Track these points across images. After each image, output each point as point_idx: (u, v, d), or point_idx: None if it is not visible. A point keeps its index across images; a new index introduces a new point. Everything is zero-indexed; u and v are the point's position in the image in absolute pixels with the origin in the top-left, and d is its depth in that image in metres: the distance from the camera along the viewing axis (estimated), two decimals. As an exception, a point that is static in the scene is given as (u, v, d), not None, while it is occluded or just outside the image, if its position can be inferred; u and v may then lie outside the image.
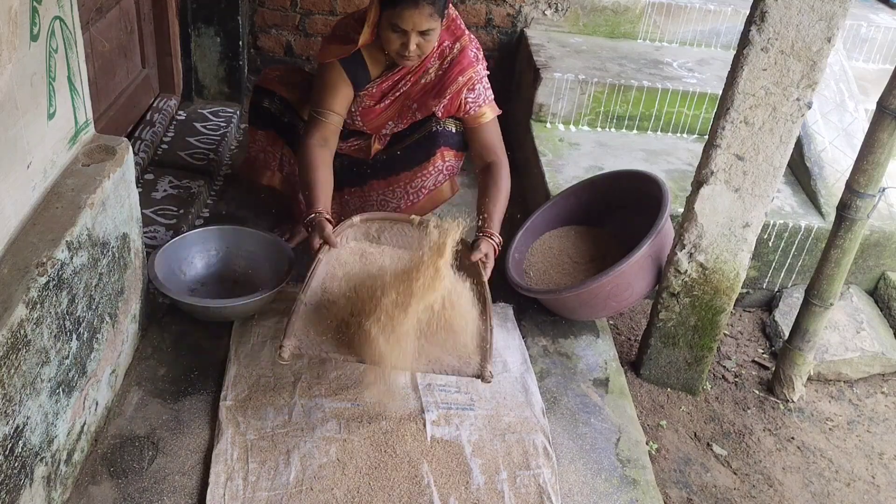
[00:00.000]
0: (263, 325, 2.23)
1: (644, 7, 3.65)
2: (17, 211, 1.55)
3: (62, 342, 1.59)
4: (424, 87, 2.29)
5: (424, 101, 2.31)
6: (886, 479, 2.26)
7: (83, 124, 1.82)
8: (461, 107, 2.30)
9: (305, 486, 1.78)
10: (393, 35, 2.12)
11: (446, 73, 2.27)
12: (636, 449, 2.04)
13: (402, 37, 2.11)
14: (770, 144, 2.02)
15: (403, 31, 2.10)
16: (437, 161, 2.38)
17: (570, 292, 2.29)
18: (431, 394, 2.06)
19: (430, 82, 2.29)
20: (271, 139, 2.51)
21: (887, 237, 2.75)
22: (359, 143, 2.44)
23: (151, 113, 3.09)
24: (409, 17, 2.06)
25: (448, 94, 2.27)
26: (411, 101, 2.32)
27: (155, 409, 1.95)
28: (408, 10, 2.05)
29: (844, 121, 3.02)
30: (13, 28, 1.44)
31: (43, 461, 1.56)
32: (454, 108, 2.30)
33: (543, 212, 2.65)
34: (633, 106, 3.24)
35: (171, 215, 2.63)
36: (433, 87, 2.29)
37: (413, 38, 2.10)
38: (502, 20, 3.62)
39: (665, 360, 2.40)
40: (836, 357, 2.56)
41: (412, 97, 2.31)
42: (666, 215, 2.28)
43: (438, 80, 2.28)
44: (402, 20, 2.07)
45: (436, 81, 2.29)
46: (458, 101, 2.29)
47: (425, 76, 2.28)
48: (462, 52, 2.26)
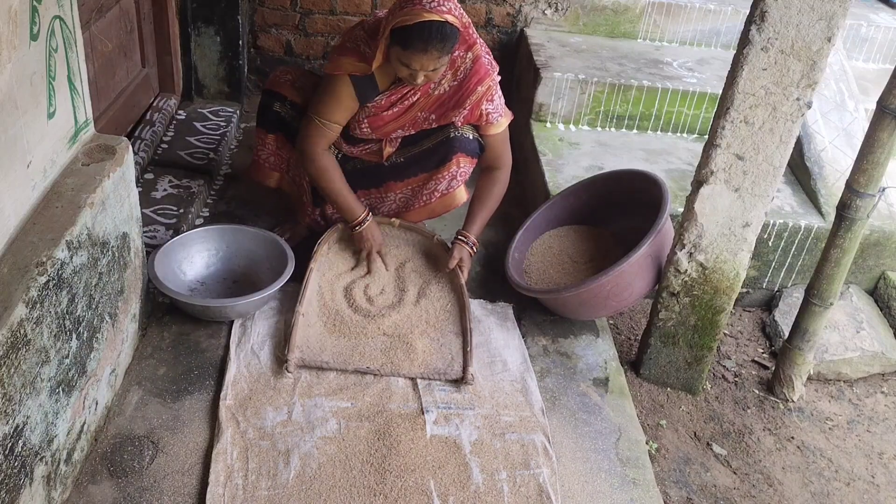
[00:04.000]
0: (263, 324, 2.23)
1: (644, 7, 3.65)
2: (17, 210, 1.55)
3: (62, 341, 1.59)
4: (440, 98, 2.28)
5: (443, 113, 2.31)
6: (886, 479, 2.26)
7: (83, 124, 1.82)
8: (482, 116, 2.33)
9: (305, 486, 1.78)
10: (401, 67, 2.11)
11: (462, 85, 2.26)
12: (636, 448, 2.04)
13: (410, 70, 2.10)
14: (770, 144, 2.02)
15: (412, 69, 2.09)
16: (453, 167, 2.39)
17: (570, 292, 2.29)
18: (431, 393, 2.06)
19: (446, 94, 2.28)
20: (280, 142, 2.51)
21: (887, 237, 2.75)
22: (371, 147, 2.44)
23: (151, 112, 3.08)
24: (418, 60, 2.05)
25: (468, 104, 2.28)
26: (427, 113, 2.32)
27: (155, 408, 1.95)
28: (416, 55, 2.04)
29: (844, 120, 3.02)
30: (13, 27, 1.44)
31: (43, 460, 1.56)
32: (474, 117, 2.34)
33: (543, 211, 2.65)
34: (633, 105, 3.23)
35: (171, 215, 2.63)
36: (450, 98, 2.29)
37: (421, 72, 2.10)
38: (502, 20, 3.62)
39: (665, 360, 2.40)
40: (836, 357, 2.56)
41: (427, 109, 2.31)
42: (666, 215, 2.28)
43: (455, 91, 2.28)
44: (410, 62, 2.07)
45: (452, 93, 2.28)
46: (479, 111, 2.31)
47: (437, 88, 2.27)
48: (476, 61, 2.25)
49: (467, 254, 2.41)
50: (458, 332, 2.24)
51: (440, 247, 2.49)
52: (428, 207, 2.50)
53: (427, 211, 2.51)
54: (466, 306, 2.29)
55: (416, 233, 2.54)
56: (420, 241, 2.53)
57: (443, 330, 2.24)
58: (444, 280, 2.40)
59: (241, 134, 3.34)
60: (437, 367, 2.12)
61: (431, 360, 2.14)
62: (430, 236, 2.52)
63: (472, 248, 2.42)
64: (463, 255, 2.40)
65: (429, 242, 2.52)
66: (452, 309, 2.31)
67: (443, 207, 2.50)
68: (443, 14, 2.02)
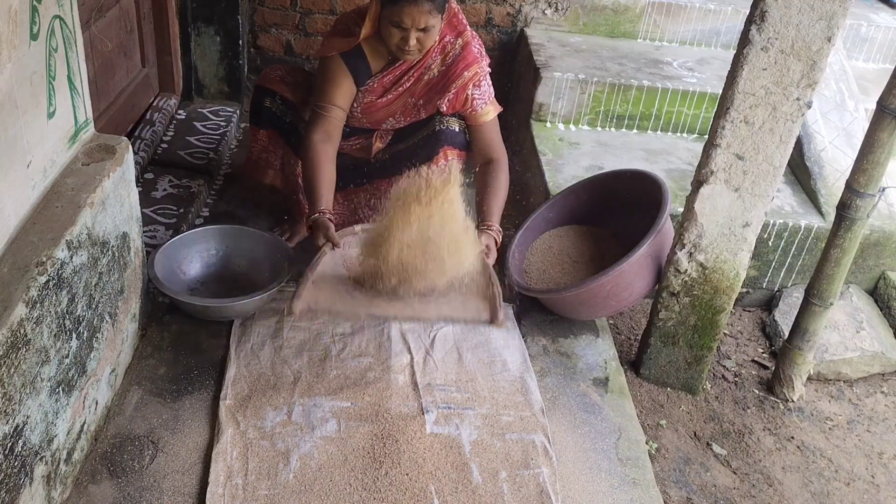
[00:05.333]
0: (263, 324, 2.23)
1: (644, 6, 3.65)
2: (17, 210, 1.55)
3: (62, 341, 1.59)
4: (429, 83, 2.30)
5: (430, 98, 2.31)
6: (886, 479, 2.26)
7: (83, 123, 1.82)
8: (467, 102, 2.31)
9: (305, 486, 1.78)
10: (393, 30, 2.13)
11: (450, 69, 2.27)
12: (636, 448, 2.04)
13: (402, 32, 2.12)
14: (770, 144, 2.02)
15: (403, 27, 2.11)
16: (441, 161, 2.38)
17: (570, 292, 2.29)
18: (431, 393, 2.06)
19: (434, 79, 2.29)
20: (273, 139, 2.51)
21: (887, 237, 2.75)
22: (360, 141, 2.44)
23: (151, 112, 3.09)
24: (409, 13, 2.07)
25: (453, 88, 2.28)
26: (416, 98, 2.32)
27: (155, 408, 1.95)
28: (407, 7, 2.06)
29: (844, 120, 3.02)
30: (13, 27, 1.44)
31: (43, 460, 1.56)
32: (459, 103, 2.31)
33: (543, 211, 2.65)
34: (633, 105, 3.23)
35: (171, 214, 2.63)
36: (437, 82, 2.29)
37: (413, 33, 2.11)
38: (502, 19, 3.62)
39: (665, 360, 2.40)
40: (836, 357, 2.56)
41: (416, 94, 2.32)
42: (666, 215, 2.28)
43: (442, 75, 2.29)
44: (401, 17, 2.08)
45: (440, 77, 2.29)
46: (464, 95, 2.30)
47: (428, 72, 2.28)
48: (465, 47, 2.27)
49: (493, 241, 2.27)
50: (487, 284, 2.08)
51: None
52: None
53: None
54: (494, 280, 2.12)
55: None
56: None
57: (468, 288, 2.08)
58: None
59: (241, 134, 3.34)
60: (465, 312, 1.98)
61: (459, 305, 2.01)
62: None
63: (498, 237, 2.30)
64: (489, 242, 2.25)
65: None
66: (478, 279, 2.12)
67: None
68: None
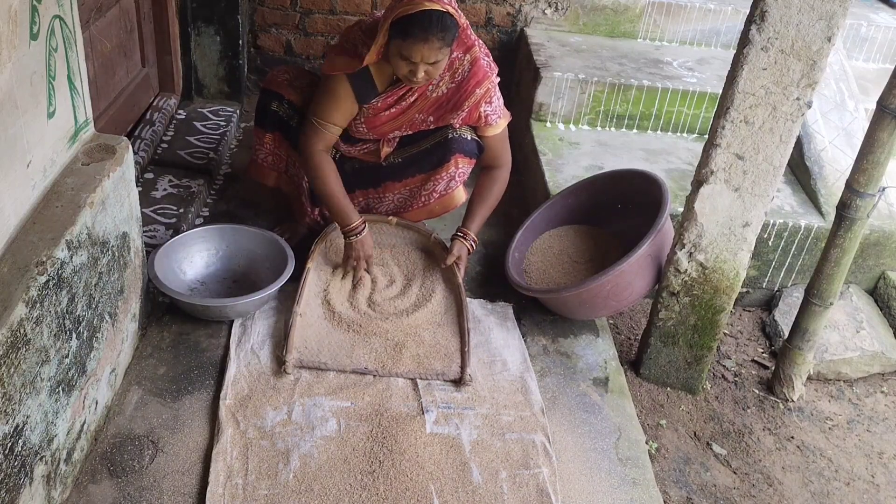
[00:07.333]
0: (263, 324, 2.23)
1: (644, 6, 3.65)
2: (17, 210, 1.55)
3: (62, 341, 1.59)
4: (438, 100, 2.28)
5: (441, 115, 2.31)
6: (886, 479, 2.26)
7: (83, 123, 1.82)
8: (480, 118, 2.34)
9: (305, 486, 1.78)
10: (402, 62, 2.10)
11: (461, 86, 2.26)
12: (636, 448, 2.04)
13: (410, 66, 2.10)
14: (770, 144, 2.02)
15: (413, 62, 2.08)
16: (451, 167, 2.39)
17: (569, 292, 2.29)
18: (431, 393, 2.06)
19: (444, 96, 2.28)
20: (278, 141, 2.51)
21: (887, 237, 2.75)
22: (368, 146, 2.44)
23: (151, 112, 3.08)
24: (419, 50, 2.05)
25: (466, 106, 2.29)
26: (424, 115, 2.31)
27: (154, 408, 1.95)
28: (417, 45, 2.04)
29: (844, 120, 3.02)
30: (13, 27, 1.44)
31: (43, 460, 1.56)
32: (472, 119, 2.34)
33: (543, 211, 2.65)
34: (633, 105, 3.23)
35: (171, 214, 2.62)
36: (448, 100, 2.28)
37: (422, 66, 2.09)
38: (502, 19, 3.62)
39: (665, 360, 2.40)
40: (836, 356, 2.56)
41: (425, 111, 2.31)
42: (666, 215, 2.28)
43: (453, 93, 2.28)
44: (411, 52, 2.06)
45: (450, 95, 2.28)
46: (477, 112, 2.32)
47: (435, 90, 2.26)
48: (475, 63, 2.25)
49: (466, 250, 2.41)
50: (456, 332, 2.24)
51: (438, 245, 2.49)
52: (427, 208, 2.50)
53: (426, 212, 2.51)
54: (464, 305, 2.29)
55: (414, 231, 2.54)
56: (417, 238, 2.53)
57: (441, 330, 2.25)
58: (441, 278, 2.40)
59: (241, 134, 3.34)
60: (434, 368, 2.12)
61: (429, 361, 2.14)
62: (428, 234, 2.52)
63: (471, 245, 2.42)
64: (461, 252, 2.40)
65: (426, 240, 2.52)
66: (450, 308, 2.32)
67: (442, 208, 2.50)
68: (444, 5, 2.04)
